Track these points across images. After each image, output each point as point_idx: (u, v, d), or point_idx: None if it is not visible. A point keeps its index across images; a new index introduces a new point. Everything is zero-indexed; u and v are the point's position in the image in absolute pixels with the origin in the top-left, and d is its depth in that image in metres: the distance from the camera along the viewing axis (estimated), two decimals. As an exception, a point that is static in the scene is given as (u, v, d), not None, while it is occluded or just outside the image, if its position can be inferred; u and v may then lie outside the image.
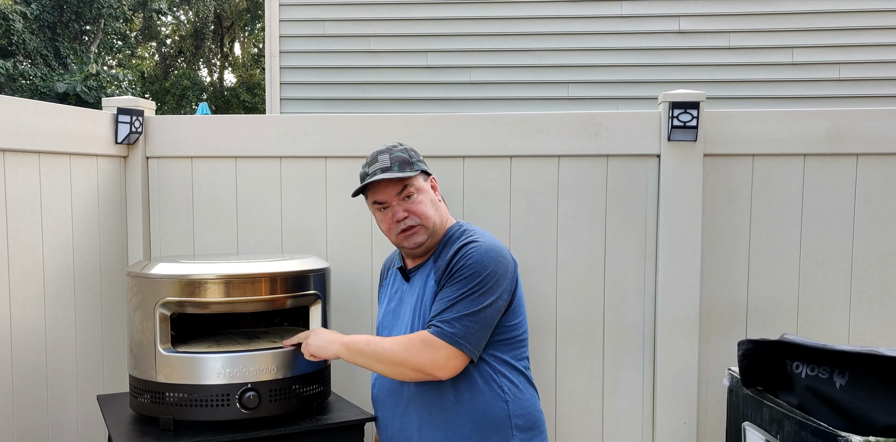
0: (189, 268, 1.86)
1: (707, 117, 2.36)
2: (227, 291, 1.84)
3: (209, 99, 20.00)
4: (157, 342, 1.83)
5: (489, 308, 1.76)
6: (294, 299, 1.95)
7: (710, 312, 2.41)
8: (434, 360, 1.73)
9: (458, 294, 1.76)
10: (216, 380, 1.80)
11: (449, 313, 1.75)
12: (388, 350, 1.77)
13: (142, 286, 1.87)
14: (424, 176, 1.92)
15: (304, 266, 1.96)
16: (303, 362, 1.90)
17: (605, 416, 2.46)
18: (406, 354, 1.75)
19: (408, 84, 5.54)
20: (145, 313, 1.85)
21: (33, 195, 2.14)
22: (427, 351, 1.73)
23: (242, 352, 1.84)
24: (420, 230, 1.86)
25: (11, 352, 2.05)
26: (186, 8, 21.95)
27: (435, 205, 1.90)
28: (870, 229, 2.36)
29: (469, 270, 1.77)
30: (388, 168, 1.85)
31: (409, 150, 1.93)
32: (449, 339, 1.72)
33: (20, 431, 2.07)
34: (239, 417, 1.81)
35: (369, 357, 1.79)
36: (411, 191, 1.86)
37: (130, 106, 2.48)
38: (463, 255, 1.80)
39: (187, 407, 1.80)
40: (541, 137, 2.43)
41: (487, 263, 1.78)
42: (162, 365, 1.82)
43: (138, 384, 1.88)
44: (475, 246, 1.81)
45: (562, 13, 5.43)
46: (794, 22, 5.26)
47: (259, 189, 2.53)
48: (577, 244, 2.44)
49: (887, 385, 1.49)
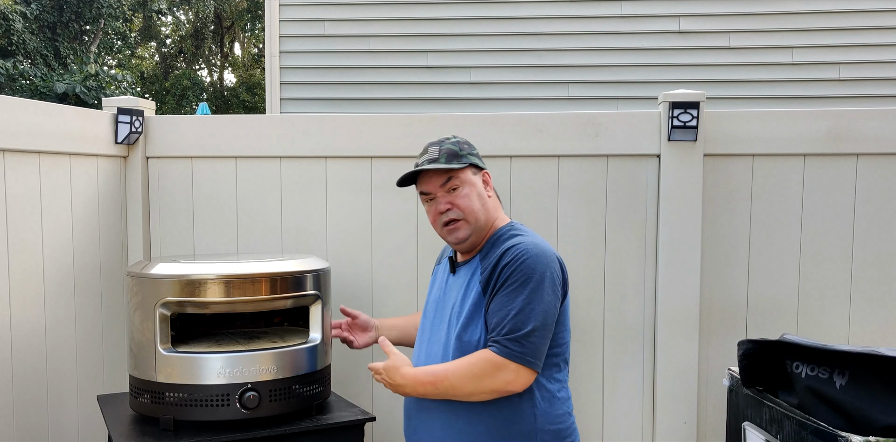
0: (189, 268, 1.86)
1: (707, 117, 2.36)
2: (228, 291, 1.84)
3: (209, 99, 20.00)
4: (157, 342, 1.83)
5: (548, 317, 1.72)
6: (294, 299, 1.95)
7: (710, 312, 2.41)
8: (506, 382, 1.69)
9: (516, 305, 1.70)
10: (216, 380, 1.80)
11: (511, 328, 1.69)
12: (457, 381, 1.71)
13: (142, 286, 1.87)
14: (474, 169, 1.86)
15: (304, 266, 1.96)
16: (302, 362, 1.91)
17: (605, 416, 2.46)
18: (478, 383, 1.69)
19: (408, 84, 5.53)
20: (145, 313, 1.85)
21: (33, 195, 2.14)
22: (498, 374, 1.68)
23: (242, 352, 1.84)
24: (462, 225, 1.81)
25: (11, 352, 2.05)
26: (186, 8, 21.95)
27: (482, 199, 1.84)
28: (870, 229, 2.36)
29: (521, 275, 1.71)
30: (435, 159, 1.82)
31: (460, 142, 1.89)
32: (518, 359, 1.68)
33: (20, 430, 2.07)
34: (239, 417, 1.81)
35: (440, 394, 1.74)
36: (456, 183, 1.82)
37: (130, 106, 2.48)
38: (513, 258, 1.73)
39: (187, 407, 1.80)
40: (541, 137, 2.43)
41: (538, 269, 1.72)
42: (162, 365, 1.82)
43: (138, 384, 1.88)
44: (524, 249, 1.74)
45: (562, 13, 5.43)
46: (794, 22, 5.26)
47: (259, 189, 2.53)
48: (577, 244, 2.44)
49: (887, 385, 1.49)
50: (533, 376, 1.71)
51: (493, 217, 1.86)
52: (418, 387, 1.74)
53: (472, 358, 1.72)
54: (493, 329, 1.71)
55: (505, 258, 1.74)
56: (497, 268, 1.75)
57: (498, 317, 1.71)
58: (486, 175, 1.89)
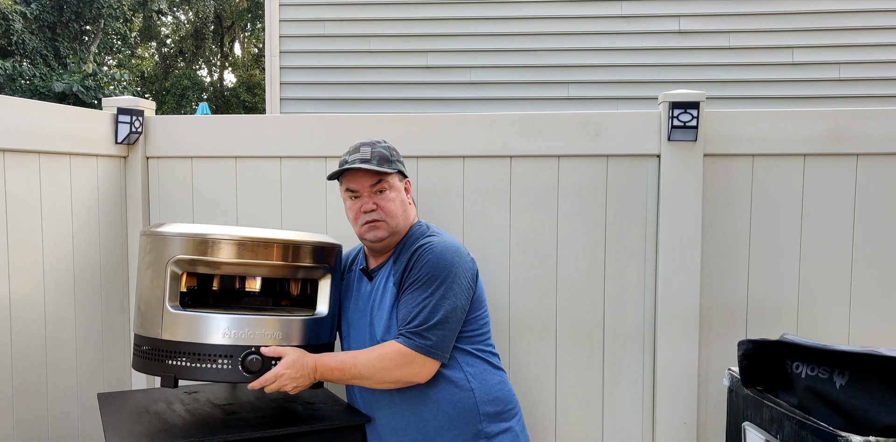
0: (204, 228, 1.86)
1: (707, 117, 2.36)
2: (240, 253, 1.83)
3: (209, 99, 20.00)
4: (165, 299, 1.81)
5: (455, 311, 1.85)
6: (305, 270, 1.94)
7: (710, 312, 2.41)
8: (411, 371, 1.82)
9: (422, 300, 1.83)
10: (221, 340, 1.79)
11: (418, 322, 1.82)
12: (365, 369, 1.82)
13: (155, 244, 1.85)
14: (400, 176, 2.01)
15: (317, 238, 1.97)
16: (308, 332, 1.90)
17: (605, 416, 2.46)
18: (384, 372, 1.82)
19: (408, 84, 5.53)
20: (157, 271, 1.83)
21: (33, 195, 2.14)
22: (405, 367, 1.82)
23: (249, 315, 1.84)
24: (383, 226, 1.94)
25: (11, 351, 2.05)
26: (186, 8, 21.95)
27: (404, 206, 1.99)
28: (870, 229, 2.36)
29: (427, 271, 1.85)
30: (367, 160, 1.93)
31: (391, 148, 2.02)
32: (423, 350, 1.82)
33: (21, 429, 2.08)
34: (240, 379, 1.79)
35: (347, 380, 1.85)
36: (384, 186, 1.95)
37: (130, 106, 2.48)
38: (420, 255, 1.88)
39: (190, 366, 1.78)
40: (541, 137, 2.43)
41: (444, 264, 1.86)
42: (168, 322, 1.81)
43: (142, 342, 1.86)
44: (430, 246, 1.89)
45: (562, 13, 5.43)
46: (794, 22, 5.26)
47: (259, 189, 2.53)
48: (577, 244, 2.44)
49: (887, 385, 1.48)
50: (437, 367, 1.85)
51: (410, 223, 2.01)
52: (326, 372, 1.83)
53: (381, 349, 1.84)
54: (402, 322, 1.85)
55: (415, 257, 1.89)
56: (408, 266, 1.89)
57: (406, 310, 1.85)
58: (408, 183, 2.05)
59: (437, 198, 2.46)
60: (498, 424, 1.92)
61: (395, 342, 1.84)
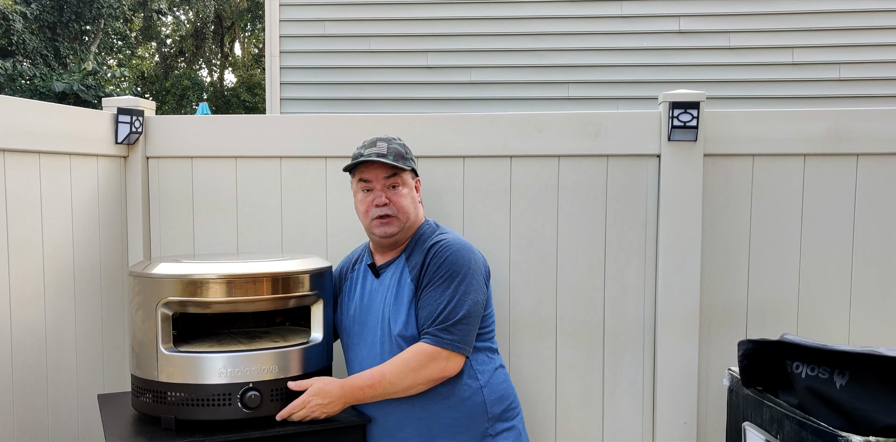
0: (191, 268, 1.86)
1: (707, 117, 2.36)
2: (229, 291, 1.84)
3: (209, 99, 19.99)
4: (158, 342, 1.82)
5: (476, 306, 1.89)
6: (296, 299, 1.95)
7: (710, 312, 2.41)
8: (439, 367, 1.84)
9: (444, 297, 1.86)
10: (218, 379, 1.80)
11: (443, 318, 1.85)
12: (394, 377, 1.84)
13: (144, 286, 1.86)
14: (413, 174, 2.04)
15: (306, 266, 1.97)
16: (304, 362, 1.91)
17: (605, 416, 2.46)
18: (413, 374, 1.84)
19: (408, 84, 5.53)
20: (147, 313, 1.84)
21: (33, 195, 2.14)
22: (433, 363, 1.84)
23: (244, 351, 1.84)
24: (394, 222, 1.96)
25: (11, 351, 2.05)
26: (186, 8, 21.95)
27: (414, 203, 2.02)
28: (870, 229, 2.36)
29: (448, 267, 1.88)
30: (384, 155, 1.95)
31: (406, 146, 2.05)
32: (450, 346, 1.84)
33: (21, 430, 2.07)
34: (240, 416, 1.81)
35: (380, 395, 1.87)
36: (398, 182, 1.97)
37: (130, 106, 2.48)
38: (437, 252, 1.91)
39: (189, 406, 1.80)
40: (541, 137, 2.43)
41: (463, 260, 1.90)
42: (164, 364, 1.82)
43: (140, 384, 1.88)
44: (447, 244, 1.93)
45: (562, 13, 5.42)
46: (794, 22, 5.25)
47: (259, 189, 2.53)
48: (577, 244, 2.44)
49: (887, 385, 1.49)
50: (462, 361, 1.88)
51: (419, 221, 2.04)
52: (356, 393, 1.85)
53: (406, 354, 1.86)
54: (427, 319, 1.87)
55: (432, 253, 1.92)
56: (426, 263, 1.91)
57: (429, 309, 1.88)
58: (419, 182, 2.08)
59: (438, 198, 2.46)
60: (502, 423, 1.94)
61: (419, 344, 1.86)
